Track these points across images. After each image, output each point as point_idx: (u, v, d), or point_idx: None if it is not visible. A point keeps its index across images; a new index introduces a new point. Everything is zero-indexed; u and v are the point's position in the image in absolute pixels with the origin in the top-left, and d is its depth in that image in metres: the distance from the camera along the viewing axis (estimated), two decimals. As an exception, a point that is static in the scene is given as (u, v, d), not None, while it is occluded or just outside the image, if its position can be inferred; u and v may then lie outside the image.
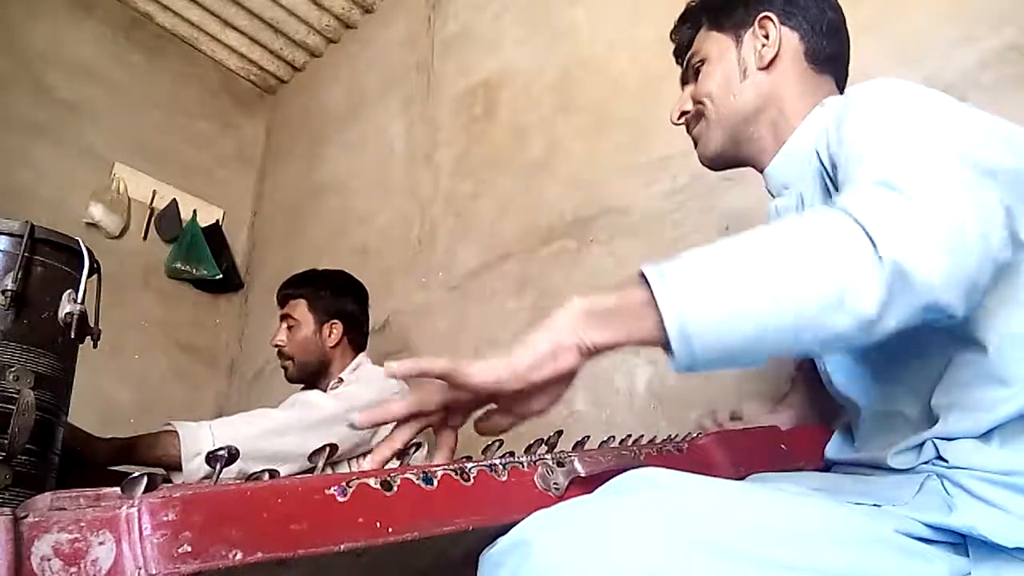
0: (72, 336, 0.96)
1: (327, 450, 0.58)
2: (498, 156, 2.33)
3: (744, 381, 1.45)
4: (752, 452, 0.86)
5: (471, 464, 0.60)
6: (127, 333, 2.76)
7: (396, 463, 0.64)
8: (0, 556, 0.39)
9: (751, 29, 0.94)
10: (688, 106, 0.99)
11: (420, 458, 0.70)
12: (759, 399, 1.22)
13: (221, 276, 3.11)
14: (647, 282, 0.57)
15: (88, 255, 1.00)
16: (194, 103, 3.33)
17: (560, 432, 0.73)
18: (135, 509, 0.43)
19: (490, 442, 0.65)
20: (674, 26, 1.05)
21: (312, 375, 1.87)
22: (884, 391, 0.81)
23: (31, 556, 0.40)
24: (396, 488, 0.54)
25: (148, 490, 0.44)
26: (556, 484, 0.64)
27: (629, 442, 0.79)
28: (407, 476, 0.55)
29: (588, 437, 0.75)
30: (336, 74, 3.29)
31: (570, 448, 0.72)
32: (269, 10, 3.19)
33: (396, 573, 0.61)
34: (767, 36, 0.93)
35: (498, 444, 0.65)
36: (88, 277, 0.99)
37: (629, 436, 0.81)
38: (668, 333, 0.55)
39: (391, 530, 0.51)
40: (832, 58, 0.95)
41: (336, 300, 1.90)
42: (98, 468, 1.33)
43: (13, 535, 0.40)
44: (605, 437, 0.79)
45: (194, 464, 1.44)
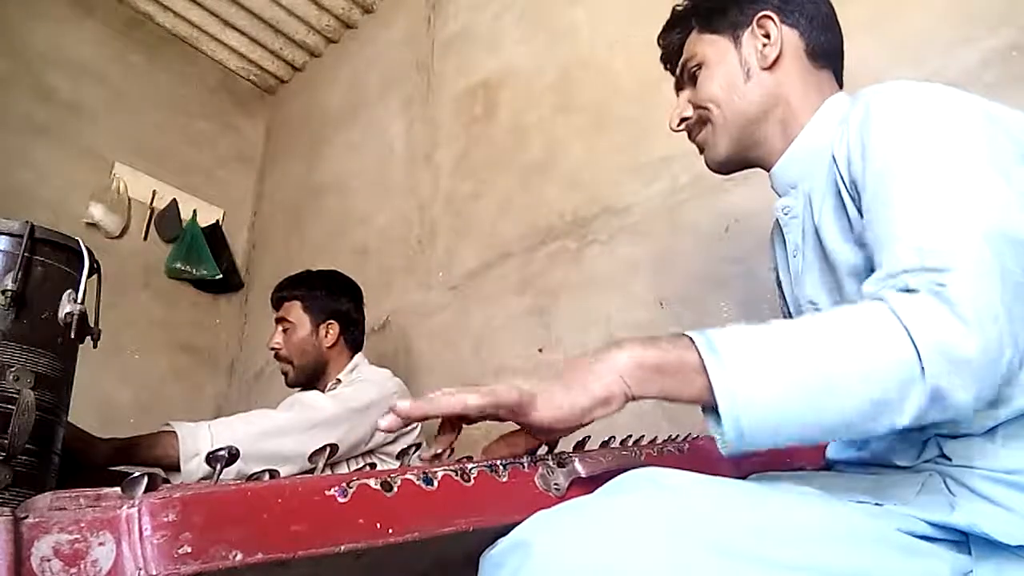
0: (72, 336, 0.96)
1: (327, 450, 0.58)
2: (498, 156, 2.33)
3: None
4: (753, 452, 0.86)
5: (471, 464, 0.60)
6: (127, 333, 2.76)
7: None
8: (0, 556, 0.39)
9: (749, 29, 0.92)
10: (688, 112, 0.97)
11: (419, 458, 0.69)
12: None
13: (221, 276, 3.11)
14: (695, 346, 0.60)
15: (88, 255, 1.00)
16: (194, 103, 3.33)
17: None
18: (135, 509, 0.43)
19: (490, 442, 0.65)
20: (662, 31, 1.02)
21: (310, 377, 1.87)
22: None
23: (31, 556, 0.40)
24: (396, 489, 0.53)
25: (148, 490, 0.44)
26: (557, 484, 0.63)
27: (630, 442, 0.79)
28: (407, 477, 0.55)
29: (588, 437, 0.75)
30: (336, 74, 3.29)
31: (570, 449, 0.72)
32: (269, 10, 3.19)
33: (396, 574, 0.60)
34: (768, 35, 0.91)
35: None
36: (88, 277, 0.99)
37: (630, 436, 0.81)
38: (723, 421, 0.58)
39: (391, 531, 0.51)
40: (831, 53, 0.94)
41: (331, 300, 1.90)
42: (98, 468, 1.33)
43: (13, 535, 0.40)
44: (606, 437, 0.79)
45: (193, 464, 1.44)
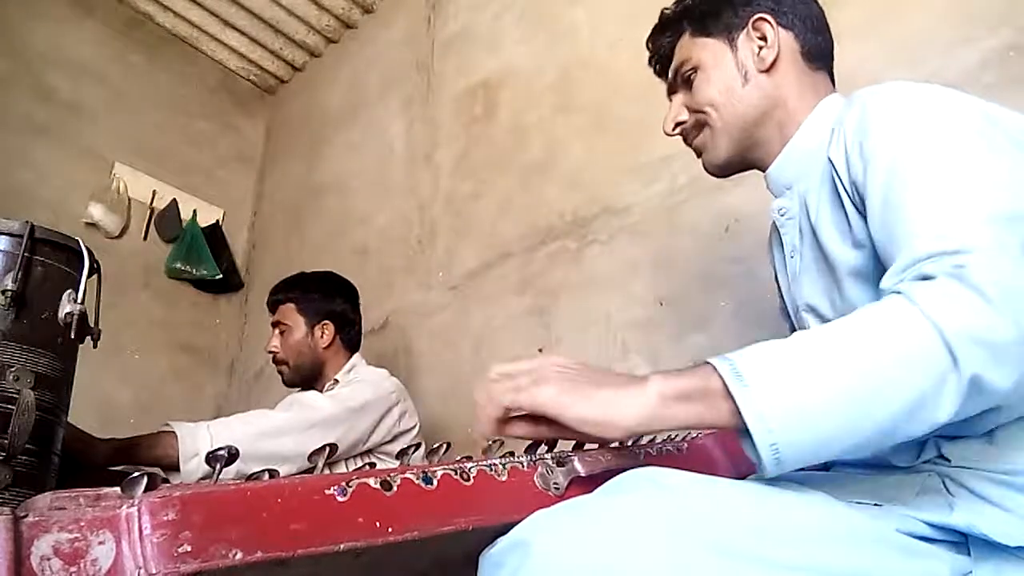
0: (72, 336, 0.96)
1: (327, 450, 0.58)
2: (498, 156, 2.33)
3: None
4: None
5: (471, 464, 0.60)
6: (127, 333, 2.76)
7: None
8: (0, 556, 0.39)
9: (744, 31, 0.92)
10: (683, 116, 0.96)
11: (419, 458, 0.69)
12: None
13: (221, 276, 3.11)
14: (718, 371, 0.58)
15: (88, 255, 1.00)
16: (194, 103, 3.33)
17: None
18: (135, 509, 0.43)
19: (490, 442, 0.65)
20: (651, 34, 1.01)
21: (308, 378, 1.87)
22: None
23: (31, 556, 0.40)
24: (396, 488, 0.54)
25: (148, 490, 0.44)
26: (556, 484, 0.64)
27: (629, 442, 0.79)
28: (407, 476, 0.55)
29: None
30: (336, 74, 3.29)
31: (570, 448, 0.72)
32: (269, 10, 3.19)
33: (396, 573, 0.60)
34: (764, 38, 0.91)
35: (498, 444, 0.65)
36: (88, 277, 0.99)
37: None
38: (759, 449, 0.57)
39: (391, 530, 0.51)
40: (825, 54, 0.94)
41: (325, 301, 1.90)
42: (98, 468, 1.33)
43: (13, 535, 0.40)
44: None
45: (192, 464, 1.44)
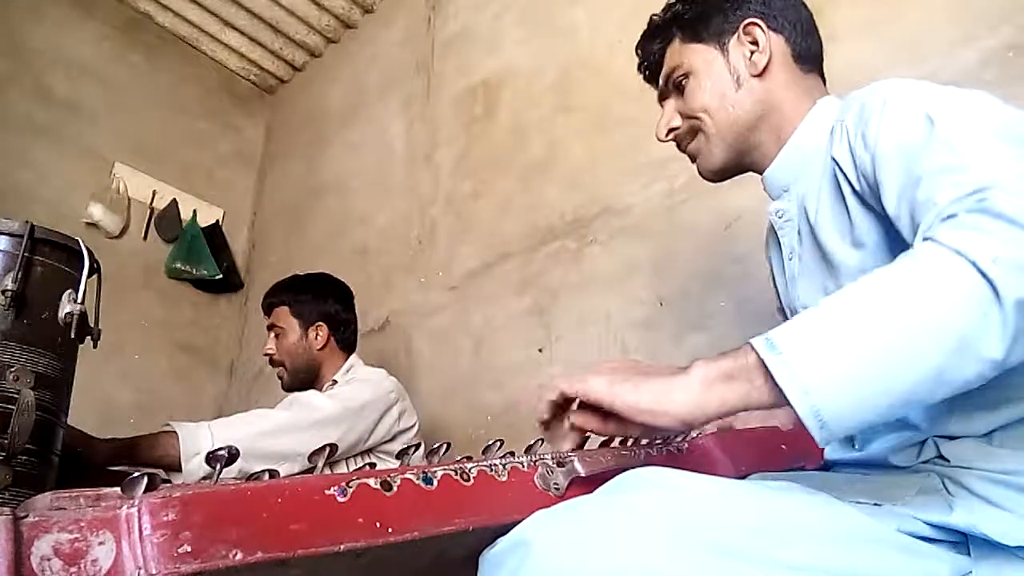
0: (72, 336, 0.96)
1: (327, 450, 0.58)
2: (498, 156, 2.33)
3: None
4: (752, 452, 0.86)
5: (471, 464, 0.60)
6: (127, 333, 2.76)
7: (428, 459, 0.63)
8: (0, 556, 0.39)
9: (735, 36, 0.92)
10: (676, 122, 0.96)
11: (419, 458, 0.69)
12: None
13: (221, 276, 3.11)
14: (753, 346, 0.57)
15: (88, 255, 1.00)
16: (194, 103, 3.33)
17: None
18: (135, 509, 0.43)
19: (490, 442, 0.65)
20: (640, 41, 1.01)
21: (305, 380, 1.87)
22: None
23: (31, 556, 0.40)
24: (396, 488, 0.54)
25: (148, 490, 0.44)
26: (556, 484, 0.64)
27: (629, 442, 0.79)
28: (407, 476, 0.55)
29: (588, 437, 0.75)
30: (336, 74, 3.29)
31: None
32: (269, 10, 3.19)
33: (396, 573, 0.60)
34: (756, 42, 0.91)
35: (498, 444, 0.65)
36: (88, 277, 0.99)
37: (629, 436, 0.81)
38: (802, 417, 0.54)
39: (391, 530, 0.51)
40: (815, 56, 0.94)
41: (318, 303, 1.91)
42: (98, 468, 1.33)
43: (13, 535, 0.40)
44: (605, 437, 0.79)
45: (193, 464, 1.44)
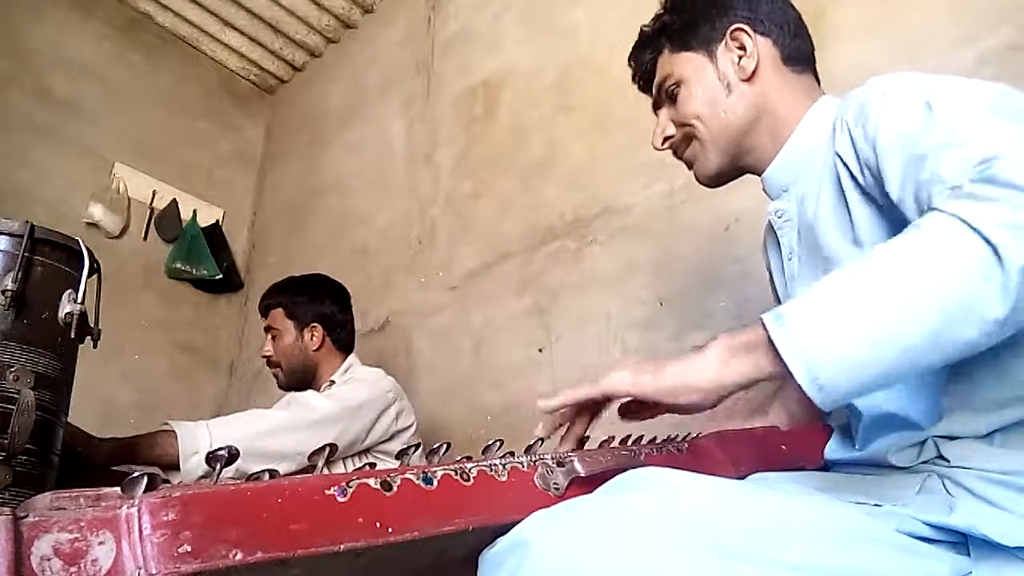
0: (72, 336, 0.96)
1: (327, 450, 0.58)
2: (498, 156, 2.33)
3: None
4: (752, 452, 0.86)
5: (471, 464, 0.60)
6: (127, 333, 2.76)
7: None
8: (0, 556, 0.39)
9: (723, 43, 0.92)
10: (671, 130, 0.97)
11: (419, 458, 0.69)
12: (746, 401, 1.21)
13: (221, 276, 3.11)
14: (763, 320, 0.60)
15: (88, 255, 1.00)
16: (194, 103, 3.33)
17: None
18: (135, 509, 0.43)
19: (490, 442, 0.65)
20: (631, 52, 1.02)
21: (301, 381, 1.87)
22: (885, 391, 0.81)
23: (31, 556, 0.40)
24: (396, 488, 0.54)
25: (148, 490, 0.44)
26: (556, 484, 0.64)
27: (629, 442, 0.79)
28: (407, 476, 0.55)
29: (588, 437, 0.75)
30: (336, 74, 3.29)
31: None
32: (269, 10, 3.19)
33: (396, 573, 0.60)
34: (743, 47, 0.91)
35: (498, 444, 0.65)
36: (88, 277, 0.99)
37: (629, 436, 0.81)
38: (799, 380, 0.56)
39: (391, 530, 0.51)
40: (806, 55, 0.94)
41: (314, 304, 1.91)
42: (97, 468, 1.34)
43: (13, 535, 0.40)
44: (605, 437, 0.79)
45: (191, 463, 1.45)
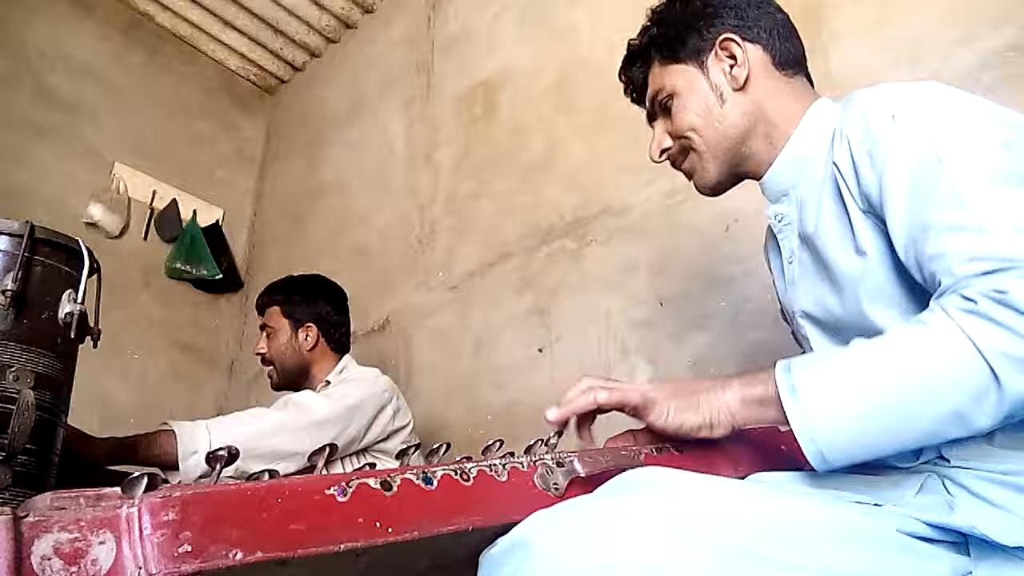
0: (72, 336, 0.96)
1: (327, 450, 0.58)
2: (498, 156, 2.33)
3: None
4: (752, 452, 0.86)
5: (471, 464, 0.60)
6: (127, 333, 2.76)
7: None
8: (0, 556, 0.39)
9: (712, 53, 0.91)
10: (667, 143, 0.97)
11: (418, 457, 0.70)
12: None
13: (221, 276, 3.11)
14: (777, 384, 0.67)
15: (88, 255, 1.00)
16: (194, 103, 3.33)
17: (560, 432, 0.74)
18: (135, 509, 0.43)
19: (490, 442, 0.65)
20: (622, 66, 1.02)
21: (294, 380, 1.88)
22: None
23: (31, 556, 0.40)
24: (396, 488, 0.54)
25: (148, 490, 0.44)
26: (556, 484, 0.64)
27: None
28: (407, 476, 0.55)
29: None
30: (336, 74, 3.29)
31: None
32: (269, 10, 3.19)
33: (396, 573, 0.60)
34: (733, 56, 0.90)
35: (498, 444, 0.65)
36: (88, 277, 0.99)
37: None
38: (807, 455, 0.64)
39: (391, 530, 0.51)
40: (797, 59, 0.94)
41: (309, 304, 1.91)
42: (97, 468, 1.34)
43: (13, 535, 0.40)
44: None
45: (191, 462, 1.45)
